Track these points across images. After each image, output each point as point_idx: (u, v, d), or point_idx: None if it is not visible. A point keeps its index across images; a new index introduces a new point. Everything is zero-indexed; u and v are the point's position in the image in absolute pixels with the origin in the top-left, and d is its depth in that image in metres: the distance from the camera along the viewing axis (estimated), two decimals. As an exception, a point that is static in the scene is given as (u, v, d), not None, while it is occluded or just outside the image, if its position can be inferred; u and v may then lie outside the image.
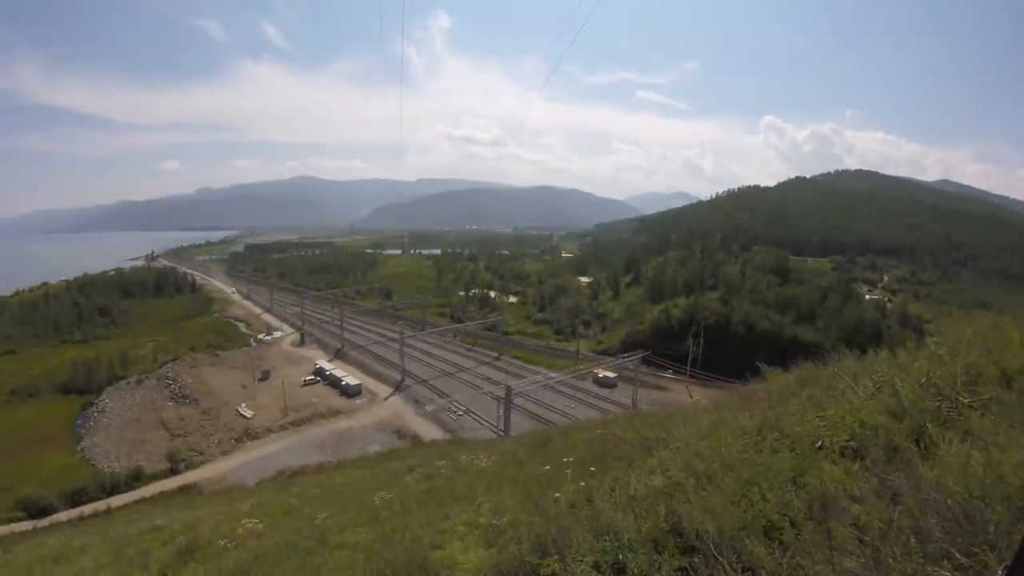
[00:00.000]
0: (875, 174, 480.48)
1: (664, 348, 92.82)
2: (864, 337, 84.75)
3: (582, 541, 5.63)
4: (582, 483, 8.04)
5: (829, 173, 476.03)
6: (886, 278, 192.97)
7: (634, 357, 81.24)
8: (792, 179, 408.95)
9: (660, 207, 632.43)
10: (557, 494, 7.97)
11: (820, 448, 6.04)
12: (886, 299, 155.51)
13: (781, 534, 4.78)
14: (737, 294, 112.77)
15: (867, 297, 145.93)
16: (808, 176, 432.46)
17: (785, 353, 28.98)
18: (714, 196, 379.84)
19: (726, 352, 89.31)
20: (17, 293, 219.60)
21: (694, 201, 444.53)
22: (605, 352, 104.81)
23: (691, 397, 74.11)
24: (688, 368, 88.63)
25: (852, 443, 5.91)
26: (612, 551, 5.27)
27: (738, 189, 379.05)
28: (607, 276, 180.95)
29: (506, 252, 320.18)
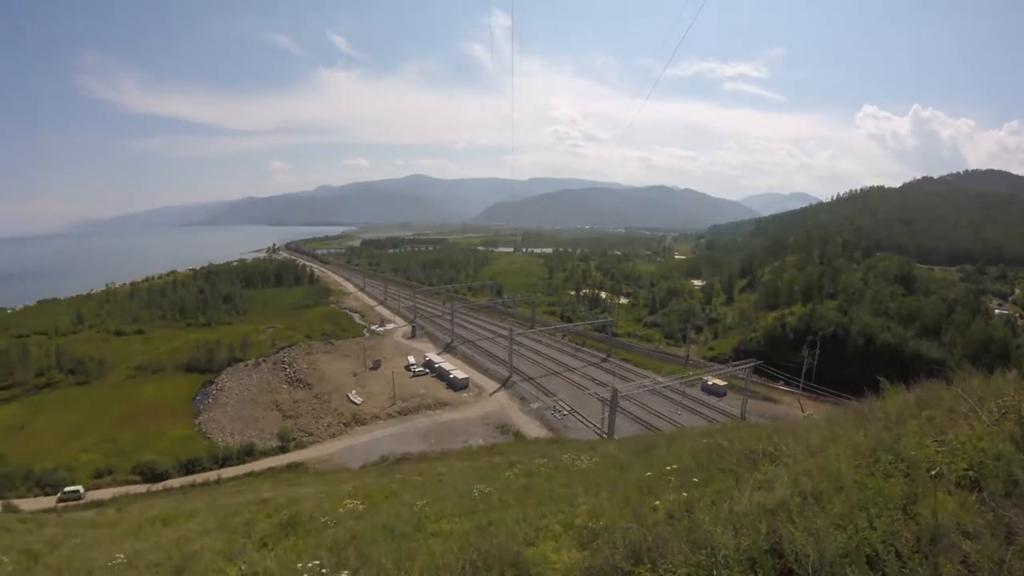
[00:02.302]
0: (1007, 175, 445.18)
1: (777, 358, 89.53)
2: (991, 356, 79.90)
3: (677, 552, 5.56)
4: (684, 493, 7.88)
5: (957, 173, 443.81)
6: (1017, 291, 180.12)
7: (745, 366, 78.79)
8: (917, 179, 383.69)
9: (777, 208, 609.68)
10: (656, 502, 7.86)
11: (936, 476, 5.71)
12: (1017, 315, 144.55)
13: (885, 565, 4.56)
14: (857, 304, 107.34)
15: (996, 312, 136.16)
16: (934, 176, 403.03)
17: (906, 369, 27.44)
18: (834, 197, 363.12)
19: (843, 365, 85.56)
20: (147, 279, 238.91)
21: (813, 202, 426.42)
22: (716, 359, 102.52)
23: (803, 411, 71.27)
24: (801, 380, 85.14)
25: (970, 473, 5.56)
26: (707, 566, 5.18)
27: (860, 190, 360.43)
28: (721, 280, 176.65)
29: (618, 252, 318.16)
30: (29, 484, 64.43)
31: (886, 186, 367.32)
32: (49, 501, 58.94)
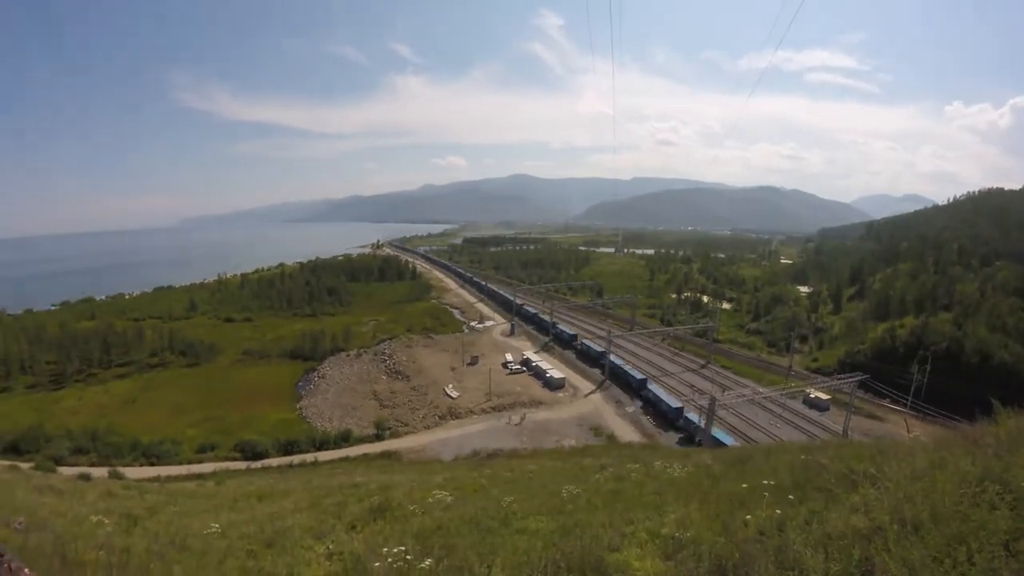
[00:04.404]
0: None
1: (885, 373, 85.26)
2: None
3: (763, 571, 5.47)
4: (777, 510, 7.69)
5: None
6: None
7: (851, 380, 75.24)
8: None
9: (890, 211, 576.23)
10: (747, 517, 7.69)
11: (1044, 510, 5.40)
12: None
13: (981, 604, 4.38)
14: (973, 317, 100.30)
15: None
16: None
17: (1022, 391, 25.47)
18: (951, 200, 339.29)
19: (955, 384, 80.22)
20: (257, 271, 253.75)
21: (927, 205, 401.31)
22: (819, 371, 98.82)
23: (909, 432, 67.78)
24: (910, 398, 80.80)
25: (1082, 510, 5.23)
26: (794, 589, 5.10)
27: (977, 192, 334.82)
28: (829, 287, 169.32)
29: (722, 255, 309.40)
30: (135, 454, 70.29)
31: (1005, 188, 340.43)
32: (153, 471, 63.38)
